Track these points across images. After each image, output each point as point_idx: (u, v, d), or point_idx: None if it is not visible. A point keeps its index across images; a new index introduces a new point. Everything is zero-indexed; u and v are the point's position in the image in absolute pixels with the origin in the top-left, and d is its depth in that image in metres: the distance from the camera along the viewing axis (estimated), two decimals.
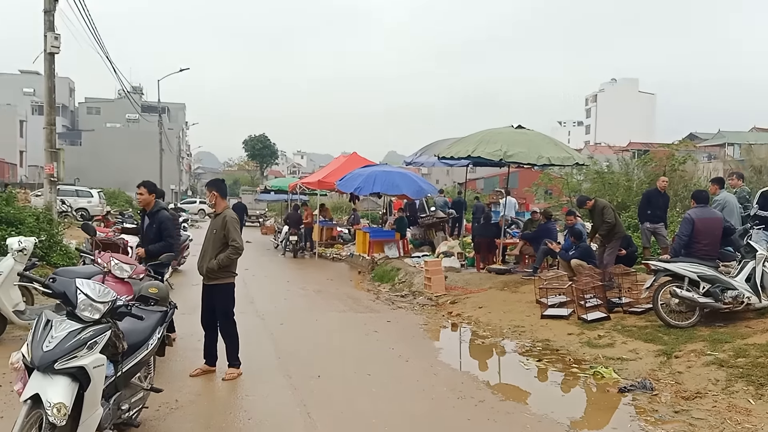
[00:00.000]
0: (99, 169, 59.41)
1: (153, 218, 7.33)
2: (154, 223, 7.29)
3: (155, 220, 7.32)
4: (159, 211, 7.39)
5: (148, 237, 7.33)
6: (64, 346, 3.70)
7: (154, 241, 7.25)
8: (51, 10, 15.33)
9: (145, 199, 7.36)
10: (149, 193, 7.37)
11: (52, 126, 15.43)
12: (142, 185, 7.42)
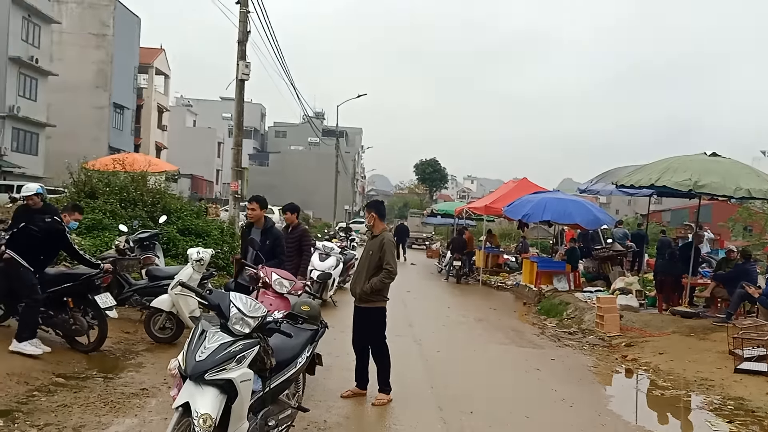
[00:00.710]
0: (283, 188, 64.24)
1: (267, 235, 7.29)
2: (269, 239, 7.24)
3: (269, 236, 7.27)
4: (272, 227, 7.38)
5: (263, 254, 7.11)
6: (215, 358, 3.82)
7: (269, 258, 7.06)
8: (244, 41, 16.85)
9: (257, 215, 7.35)
10: (261, 209, 7.39)
11: (239, 147, 16.88)
12: (254, 200, 7.44)
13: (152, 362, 7.08)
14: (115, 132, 44.32)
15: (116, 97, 44.49)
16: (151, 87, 52.39)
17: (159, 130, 54.13)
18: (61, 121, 38.83)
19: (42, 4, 36.44)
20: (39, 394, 5.64)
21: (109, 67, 43.68)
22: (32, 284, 6.72)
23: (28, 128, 36.64)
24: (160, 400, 5.77)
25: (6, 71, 33.99)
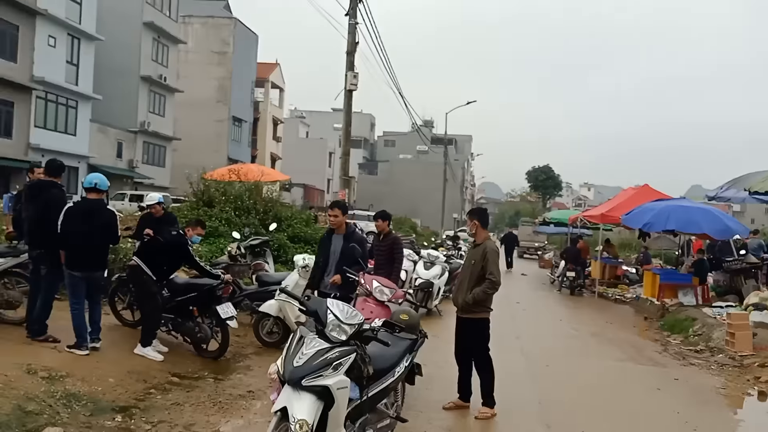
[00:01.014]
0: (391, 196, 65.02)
1: (349, 241, 7.05)
2: (351, 244, 7.05)
3: (352, 242, 7.04)
4: (354, 233, 7.20)
5: (344, 262, 6.99)
6: (312, 364, 3.86)
7: (350, 264, 6.96)
8: (352, 52, 17.23)
9: (339, 221, 7.08)
10: (342, 215, 7.10)
11: (347, 156, 17.25)
12: (335, 206, 7.24)
13: (259, 365, 7.33)
14: (233, 144, 46.86)
15: (235, 111, 47.09)
16: (266, 100, 54.95)
17: (274, 141, 56.59)
18: (186, 135, 41.67)
19: (170, 26, 39.37)
20: (155, 391, 5.99)
21: (228, 82, 46.35)
22: (152, 293, 7.13)
23: (156, 142, 39.62)
24: (265, 402, 5.94)
25: (138, 90, 36.99)
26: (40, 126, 29.39)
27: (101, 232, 6.65)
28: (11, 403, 4.81)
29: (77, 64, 31.74)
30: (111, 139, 35.30)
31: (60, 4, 29.76)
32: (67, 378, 5.63)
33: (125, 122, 36.48)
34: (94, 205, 6.72)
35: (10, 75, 26.77)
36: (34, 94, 28.79)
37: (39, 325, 6.70)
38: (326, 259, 7.07)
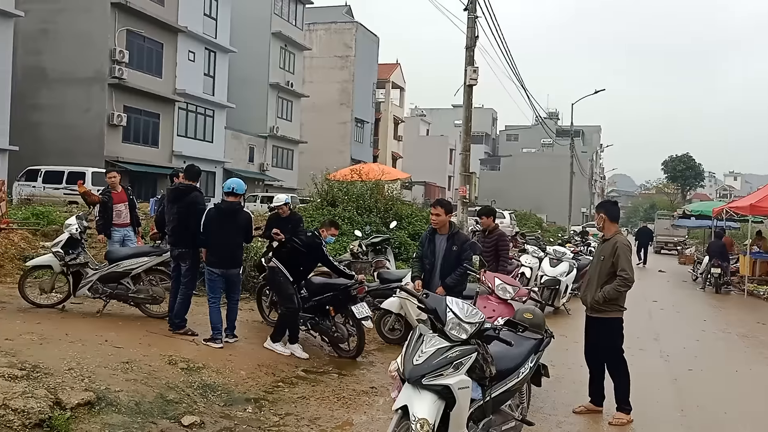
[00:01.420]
0: (514, 191, 63.62)
1: (453, 240, 6.60)
2: (455, 245, 6.55)
3: (456, 242, 6.57)
4: (458, 233, 6.70)
5: (448, 262, 6.55)
6: (432, 363, 3.78)
7: (454, 266, 6.52)
8: (472, 46, 16.95)
9: (442, 220, 6.64)
10: (446, 214, 6.63)
11: (467, 152, 17.00)
12: (438, 205, 6.71)
13: (381, 362, 7.37)
14: (356, 145, 48.02)
15: (357, 113, 48.24)
16: (387, 101, 55.76)
17: (395, 140, 57.29)
18: (311, 138, 43.29)
19: (296, 35, 41.05)
20: (283, 385, 6.19)
21: (351, 85, 47.57)
22: (289, 294, 7.25)
23: (284, 146, 41.47)
24: (388, 399, 5.93)
25: (267, 96, 38.93)
26: (181, 135, 31.75)
27: (238, 233, 7.12)
28: (154, 391, 5.15)
29: (213, 75, 33.97)
30: (243, 145, 37.39)
31: (198, 21, 31.98)
32: (203, 369, 5.95)
33: (256, 128, 38.52)
34: (232, 207, 7.14)
35: (156, 89, 29.16)
36: (177, 106, 31.14)
37: (179, 319, 7.18)
38: (431, 262, 6.67)
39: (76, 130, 26.72)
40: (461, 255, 6.49)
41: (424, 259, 6.69)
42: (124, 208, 9.33)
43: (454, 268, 6.49)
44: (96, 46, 26.73)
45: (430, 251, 6.62)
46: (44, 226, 12.21)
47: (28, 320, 6.89)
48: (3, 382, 4.43)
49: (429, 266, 6.63)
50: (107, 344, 6.10)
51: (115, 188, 9.32)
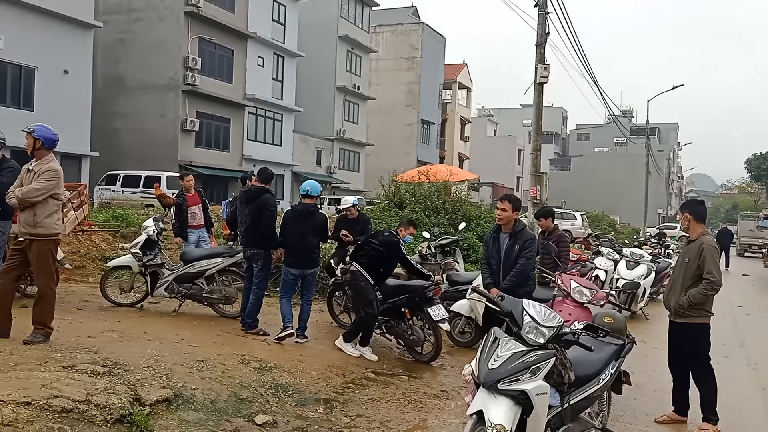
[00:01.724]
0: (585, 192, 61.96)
1: (516, 239, 6.14)
2: (517, 244, 6.11)
3: (518, 241, 6.11)
4: (523, 230, 6.20)
5: (510, 262, 6.11)
6: (508, 367, 3.67)
7: (513, 266, 6.11)
8: (542, 43, 16.60)
9: (508, 216, 6.17)
10: (513, 210, 6.17)
11: (537, 152, 16.65)
12: (506, 200, 6.29)
13: (452, 365, 7.27)
14: (422, 146, 47.95)
15: (423, 114, 48.16)
16: (454, 101, 55.42)
17: (462, 141, 56.87)
18: (377, 140, 43.53)
19: (362, 37, 41.39)
20: (353, 386, 6.20)
21: (417, 86, 47.57)
22: (370, 298, 7.12)
23: (351, 148, 41.86)
24: (459, 403, 5.86)
25: (334, 100, 39.43)
26: (251, 139, 32.57)
27: (313, 234, 7.26)
28: (228, 390, 5.25)
29: (281, 80, 34.68)
30: (311, 147, 37.99)
31: (267, 26, 32.74)
32: (275, 369, 6.03)
33: (323, 131, 39.05)
34: (307, 209, 7.32)
35: (227, 95, 30.04)
36: (247, 111, 31.97)
37: (251, 319, 7.31)
38: (497, 262, 6.22)
39: (152, 135, 27.85)
40: (521, 254, 6.02)
41: (490, 260, 6.31)
42: (199, 210, 9.61)
43: (512, 269, 6.05)
44: (170, 54, 27.79)
45: (495, 251, 6.22)
46: (123, 228, 12.75)
47: (109, 318, 7.18)
48: (86, 378, 4.61)
49: (495, 266, 6.23)
50: (183, 343, 6.27)
51: (190, 191, 9.62)
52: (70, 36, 23.42)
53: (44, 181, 5.53)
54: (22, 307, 6.70)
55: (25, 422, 3.82)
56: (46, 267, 5.64)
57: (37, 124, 5.77)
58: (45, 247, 5.60)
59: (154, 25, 28.18)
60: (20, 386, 4.19)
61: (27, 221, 5.54)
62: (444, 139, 53.33)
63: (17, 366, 4.68)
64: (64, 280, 8.62)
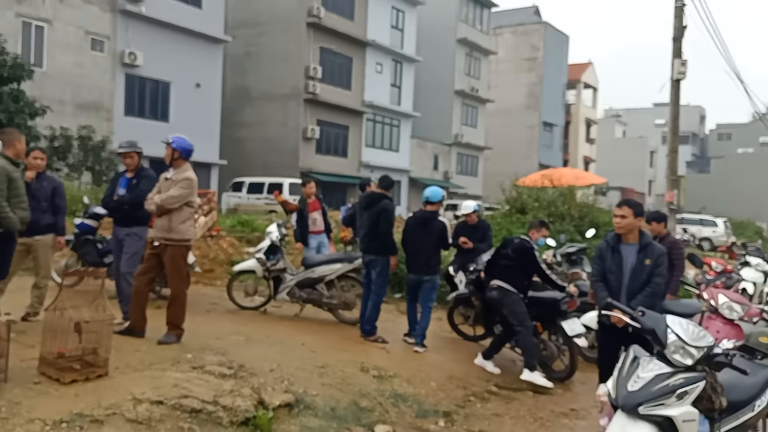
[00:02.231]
0: (727, 197, 57.40)
1: (645, 252, 5.09)
2: (648, 257, 5.08)
3: (649, 253, 5.07)
4: (651, 244, 5.16)
5: (639, 280, 5.08)
6: (650, 390, 3.38)
7: (646, 286, 5.04)
8: (679, 37, 15.57)
9: (628, 223, 5.13)
10: (634, 217, 5.13)
11: (674, 153, 15.60)
12: (624, 204, 5.25)
13: (581, 381, 6.90)
14: (543, 149, 46.65)
15: (545, 116, 46.89)
16: (578, 102, 53.50)
17: (587, 143, 54.76)
18: (497, 143, 42.88)
19: (482, 40, 40.97)
20: (474, 399, 6.03)
21: (539, 87, 46.42)
22: (523, 311, 6.68)
23: (468, 152, 41.51)
24: (590, 423, 5.53)
25: (452, 104, 39.31)
26: (369, 145, 33.18)
27: (433, 241, 7.28)
28: (348, 397, 5.27)
29: (399, 85, 35.09)
30: (428, 153, 38.07)
31: (385, 33, 33.28)
32: (394, 378, 6.00)
33: (440, 136, 39.02)
34: (428, 216, 7.40)
35: (345, 102, 30.84)
36: (365, 117, 32.63)
37: (370, 325, 7.35)
38: (618, 278, 5.16)
39: (275, 143, 29.14)
40: (654, 271, 5.05)
41: (608, 275, 5.22)
42: (319, 216, 9.81)
43: (645, 284, 5.04)
44: (293, 65, 28.96)
45: (615, 265, 5.18)
46: (248, 233, 13.36)
47: (235, 321, 7.50)
48: (214, 380, 4.81)
49: (615, 283, 5.17)
50: (304, 347, 6.40)
51: (311, 198, 9.86)
52: (202, 51, 25.08)
53: (181, 189, 5.88)
54: (156, 308, 7.16)
55: (158, 421, 4.03)
56: (179, 271, 5.98)
57: (176, 136, 6.14)
58: (179, 252, 5.94)
59: (279, 37, 29.48)
60: (154, 385, 4.43)
61: (163, 227, 5.90)
62: (568, 141, 51.59)
63: (152, 365, 4.97)
64: (194, 283, 9.12)
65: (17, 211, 5.50)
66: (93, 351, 4.57)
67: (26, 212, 5.68)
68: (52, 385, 4.28)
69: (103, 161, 19.60)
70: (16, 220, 5.44)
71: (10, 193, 5.46)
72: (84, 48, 21.43)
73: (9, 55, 15.69)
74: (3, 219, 5.32)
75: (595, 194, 17.04)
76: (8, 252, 5.59)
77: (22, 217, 5.56)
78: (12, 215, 5.39)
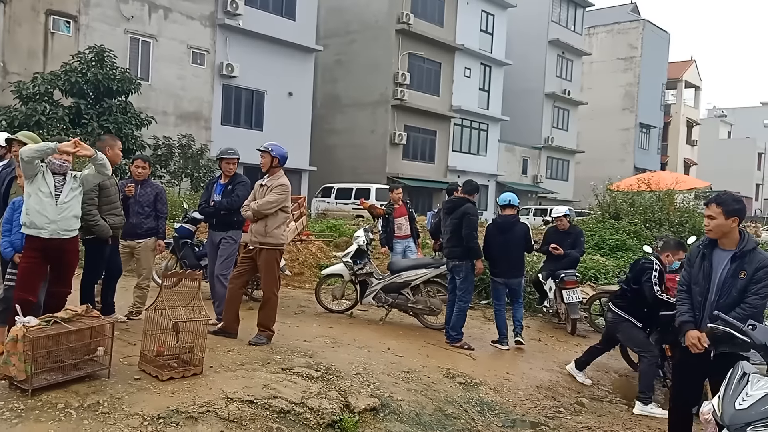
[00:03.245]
0: None
1: (741, 261, 4.14)
2: (743, 268, 4.14)
3: (745, 263, 4.13)
4: (752, 251, 4.14)
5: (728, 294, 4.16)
6: (760, 409, 3.14)
7: (737, 302, 4.11)
8: None
9: (718, 225, 4.22)
10: (727, 218, 4.16)
11: None
12: (713, 202, 4.28)
13: None
14: (640, 152, 44.75)
15: (642, 117, 44.96)
16: (679, 102, 51.00)
17: (687, 145, 52.11)
18: (589, 146, 41.53)
19: (575, 40, 39.87)
20: (564, 411, 5.82)
21: (635, 88, 44.62)
22: (640, 337, 6.22)
23: (559, 156, 40.41)
24: None
25: (542, 107, 38.43)
26: (456, 150, 32.98)
27: (516, 244, 7.48)
28: (433, 404, 5.23)
29: (488, 89, 34.69)
30: (517, 157, 37.40)
31: (474, 37, 33.02)
32: (480, 386, 5.90)
33: (530, 139, 38.23)
34: (508, 220, 7.61)
35: (434, 107, 30.82)
36: (452, 122, 32.48)
37: (456, 332, 7.28)
38: (704, 289, 4.24)
39: (363, 150, 29.52)
40: (750, 287, 4.06)
41: (693, 287, 4.32)
42: (405, 221, 9.86)
43: (736, 304, 4.08)
44: (382, 71, 29.26)
45: (702, 274, 4.25)
46: (336, 237, 13.59)
47: (323, 324, 7.63)
48: (302, 381, 4.90)
49: (699, 297, 4.27)
50: (389, 352, 6.42)
51: (398, 203, 9.91)
52: (294, 60, 25.84)
53: (276, 195, 6.06)
54: (248, 309, 7.40)
55: (248, 420, 4.14)
56: (272, 274, 6.15)
57: (272, 143, 6.32)
58: (272, 256, 6.12)
59: (368, 44, 29.89)
60: (245, 385, 4.57)
61: (258, 231, 6.09)
62: (666, 143, 49.23)
63: (243, 365, 5.13)
64: (284, 286, 9.37)
65: (108, 218, 5.88)
66: (189, 350, 4.77)
67: (119, 218, 6.07)
68: (151, 381, 4.50)
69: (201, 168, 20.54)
70: (106, 227, 5.83)
71: (101, 201, 5.86)
72: (186, 61, 22.61)
73: (118, 70, 16.75)
74: (93, 226, 5.72)
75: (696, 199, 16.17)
76: (100, 256, 5.97)
77: (114, 224, 5.95)
78: (102, 222, 5.79)
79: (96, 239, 5.85)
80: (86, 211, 5.53)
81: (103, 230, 5.81)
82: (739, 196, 4.84)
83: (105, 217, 5.87)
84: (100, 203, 5.88)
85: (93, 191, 5.73)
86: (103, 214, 5.86)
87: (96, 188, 5.75)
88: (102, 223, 5.79)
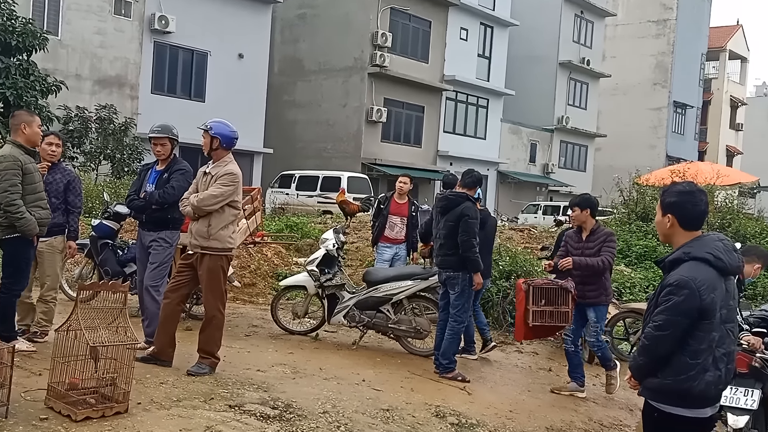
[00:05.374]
0: None
1: None
2: None
3: None
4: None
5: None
6: None
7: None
8: None
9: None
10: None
11: None
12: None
13: None
14: (674, 137, 45.34)
15: (677, 95, 45.54)
16: (722, 76, 51.81)
17: (731, 130, 52.92)
18: (612, 130, 41.98)
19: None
20: None
21: (669, 58, 45.19)
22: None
23: (576, 141, 40.78)
24: None
25: (556, 79, 38.65)
26: (448, 131, 33.12)
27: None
28: None
29: (489, 56, 34.89)
30: (523, 141, 37.68)
31: None
32: (477, 427, 5.92)
33: (539, 119, 38.51)
34: (483, 215, 7.88)
35: (421, 77, 30.82)
36: (444, 96, 32.60)
37: (447, 360, 7.26)
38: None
39: (332, 128, 29.52)
40: None
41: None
42: (401, 222, 9.53)
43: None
44: (356, 30, 29.22)
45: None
46: (298, 239, 13.53)
47: (280, 349, 7.59)
48: (254, 422, 4.87)
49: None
50: (365, 385, 6.42)
51: (402, 197, 9.60)
52: (246, 13, 25.74)
53: (222, 186, 5.95)
54: (186, 329, 7.33)
55: None
56: (217, 286, 6.08)
57: (215, 121, 6.20)
58: (217, 264, 6.04)
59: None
60: (182, 427, 4.53)
61: (200, 232, 5.99)
62: (706, 127, 49.96)
63: (180, 401, 5.08)
64: (231, 300, 9.30)
65: (35, 211, 5.72)
66: (111, 382, 4.70)
67: (46, 211, 5.89)
68: (61, 422, 4.43)
69: (126, 148, 20.31)
70: (33, 222, 5.65)
71: (25, 190, 5.67)
72: (107, 11, 22.36)
73: (19, 20, 16.32)
74: (18, 221, 5.54)
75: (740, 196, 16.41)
76: (26, 259, 5.84)
77: (41, 218, 5.78)
78: (28, 215, 5.60)
79: (20, 238, 5.66)
80: (8, 202, 5.42)
81: (30, 225, 5.62)
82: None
83: (30, 210, 5.66)
84: (24, 191, 5.65)
85: (15, 176, 5.55)
86: (27, 206, 5.64)
87: (18, 172, 5.57)
88: (28, 217, 5.59)
